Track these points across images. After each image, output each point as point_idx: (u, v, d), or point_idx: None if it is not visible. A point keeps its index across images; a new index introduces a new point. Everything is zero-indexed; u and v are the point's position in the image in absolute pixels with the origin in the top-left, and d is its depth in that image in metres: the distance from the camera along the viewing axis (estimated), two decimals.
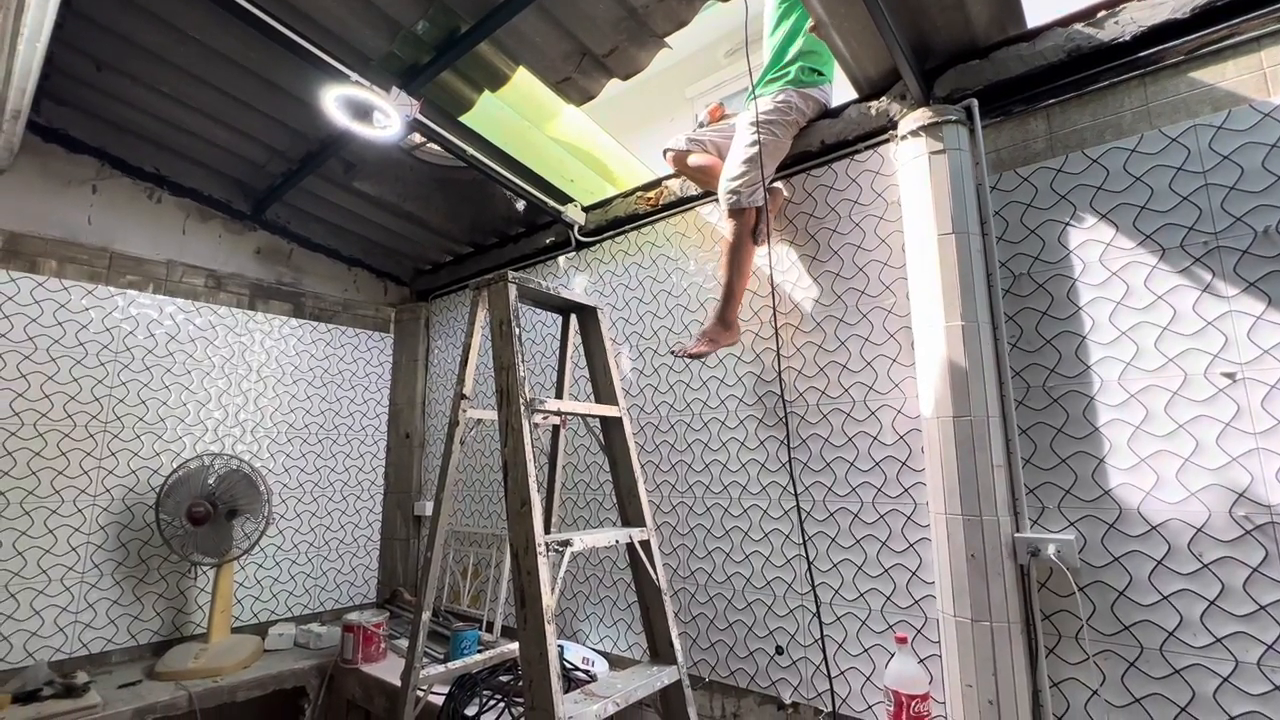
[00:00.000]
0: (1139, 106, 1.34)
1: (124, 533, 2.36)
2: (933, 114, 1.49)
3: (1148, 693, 1.21)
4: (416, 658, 1.50)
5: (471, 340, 1.59)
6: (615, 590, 2.16)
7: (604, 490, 2.26)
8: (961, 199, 1.45)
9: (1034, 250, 1.43)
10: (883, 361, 1.62)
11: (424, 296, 3.31)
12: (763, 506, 1.80)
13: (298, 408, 2.89)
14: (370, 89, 1.79)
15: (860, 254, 1.70)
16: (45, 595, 2.17)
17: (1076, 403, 1.34)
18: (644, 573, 1.47)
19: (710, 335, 1.76)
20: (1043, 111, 1.46)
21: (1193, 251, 1.25)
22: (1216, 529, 1.17)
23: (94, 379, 2.34)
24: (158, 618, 2.40)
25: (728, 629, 1.83)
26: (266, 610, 2.69)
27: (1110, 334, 1.32)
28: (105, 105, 2.22)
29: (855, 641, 1.58)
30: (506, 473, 1.28)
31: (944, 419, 1.39)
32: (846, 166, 1.75)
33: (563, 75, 1.97)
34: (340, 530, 2.98)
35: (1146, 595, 1.23)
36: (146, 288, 2.51)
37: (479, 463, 2.78)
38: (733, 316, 1.77)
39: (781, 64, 1.77)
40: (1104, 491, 1.29)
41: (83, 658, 2.22)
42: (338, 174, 2.47)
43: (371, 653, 2.31)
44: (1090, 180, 1.38)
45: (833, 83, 1.83)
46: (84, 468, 2.29)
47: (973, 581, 1.32)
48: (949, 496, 1.37)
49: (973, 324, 1.40)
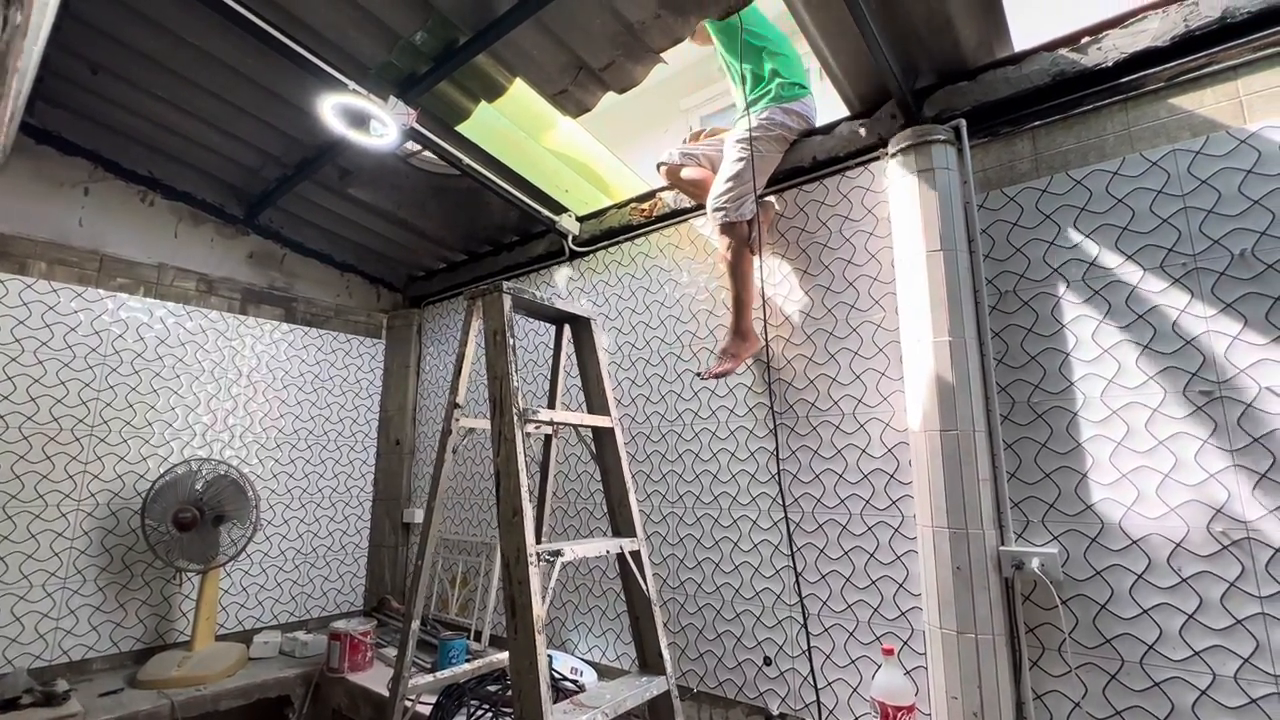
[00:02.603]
0: (1121, 130, 1.38)
1: (108, 538, 2.33)
2: (922, 133, 1.52)
3: (1128, 705, 1.23)
4: (405, 667, 1.50)
5: (465, 349, 1.59)
6: (604, 600, 2.16)
7: (594, 500, 2.27)
8: (950, 217, 1.48)
9: (1019, 268, 1.47)
10: (871, 375, 1.64)
11: (417, 303, 3.30)
12: (752, 517, 1.81)
13: (287, 413, 2.87)
14: (368, 98, 1.81)
15: (850, 269, 1.72)
16: (26, 601, 2.14)
17: (1060, 418, 1.37)
18: (634, 583, 1.48)
19: (730, 351, 1.78)
20: (1029, 133, 1.50)
21: (1172, 272, 1.29)
22: (1195, 544, 1.20)
23: (81, 382, 2.32)
24: (140, 625, 2.37)
25: (716, 639, 1.83)
26: (252, 618, 2.66)
27: (1093, 351, 1.35)
28: (100, 108, 2.22)
29: (843, 653, 1.59)
30: (499, 482, 1.28)
31: (931, 433, 1.42)
32: (838, 183, 1.78)
33: (559, 88, 1.99)
34: (328, 537, 2.96)
35: (1127, 609, 1.25)
36: (137, 291, 2.50)
37: (469, 470, 2.78)
38: (747, 326, 1.79)
39: (759, 87, 1.84)
40: (1086, 506, 1.31)
41: (63, 665, 2.18)
42: (332, 180, 2.48)
43: (358, 661, 2.29)
44: (1074, 201, 1.41)
45: (810, 91, 1.87)
46: (69, 472, 2.27)
47: (958, 594, 1.34)
48: (936, 510, 1.39)
49: (960, 339, 1.42)
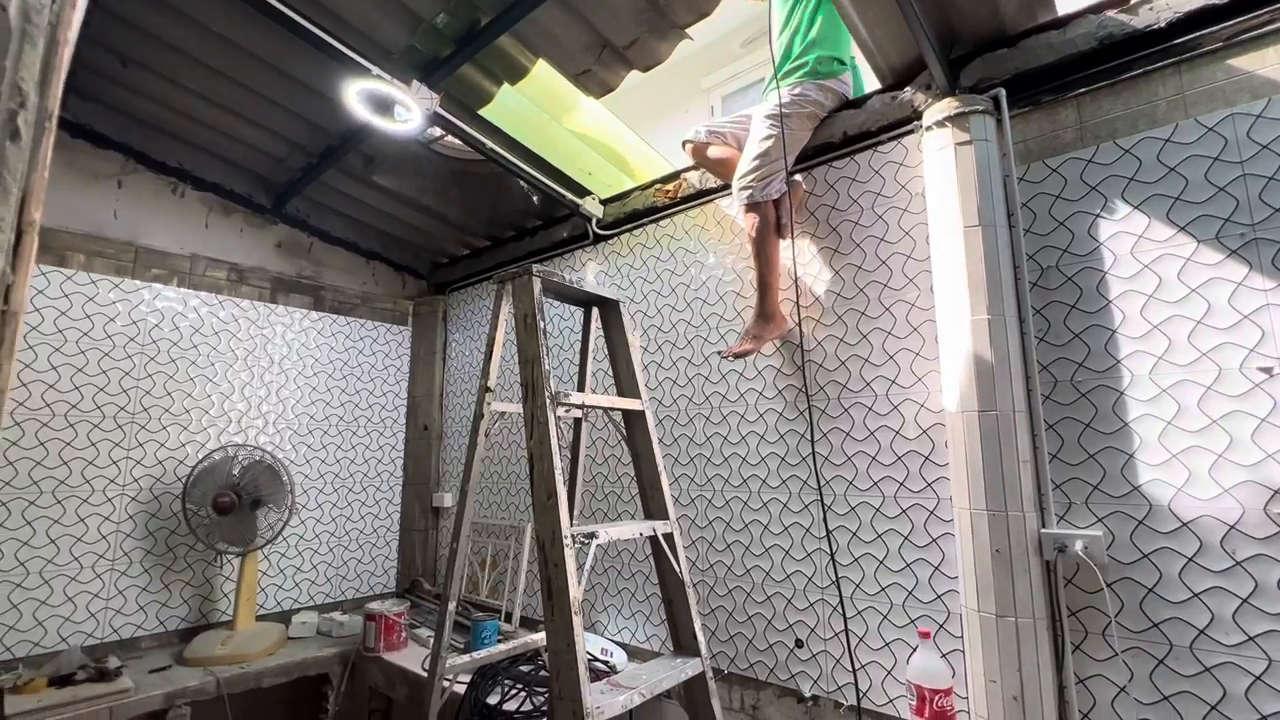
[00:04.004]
0: (1174, 95, 1.31)
1: (152, 521, 2.41)
2: (959, 104, 1.46)
3: (1177, 690, 1.20)
4: (443, 647, 1.52)
5: (496, 334, 1.59)
6: (634, 582, 2.17)
7: (622, 484, 2.27)
8: (988, 191, 1.43)
9: (1062, 243, 1.41)
10: (905, 355, 1.61)
11: (441, 290, 3.32)
12: (783, 500, 1.80)
13: (318, 400, 2.92)
14: (391, 82, 1.80)
15: (883, 247, 1.68)
16: (77, 582, 2.23)
17: (1105, 398, 1.32)
18: (667, 565, 1.48)
19: (754, 333, 1.76)
20: (1073, 101, 1.44)
21: (1229, 244, 1.23)
22: (1250, 526, 1.16)
23: (121, 371, 2.38)
24: (185, 605, 2.45)
25: (747, 621, 1.83)
26: (289, 599, 2.74)
27: (1141, 328, 1.30)
28: (130, 101, 2.25)
29: (876, 636, 1.58)
30: (532, 465, 1.29)
31: (969, 414, 1.38)
32: (869, 158, 1.74)
33: (582, 68, 1.96)
34: (360, 521, 3.02)
35: (1177, 592, 1.21)
36: (171, 281, 2.55)
37: (496, 455, 2.80)
38: (773, 308, 1.76)
39: (794, 57, 1.75)
40: (1133, 488, 1.28)
41: (113, 643, 2.27)
42: (357, 168, 2.49)
43: (393, 641, 2.34)
44: (1122, 171, 1.35)
45: (855, 68, 1.80)
46: (113, 458, 2.34)
47: (997, 577, 1.31)
48: (974, 492, 1.36)
49: (999, 318, 1.38)
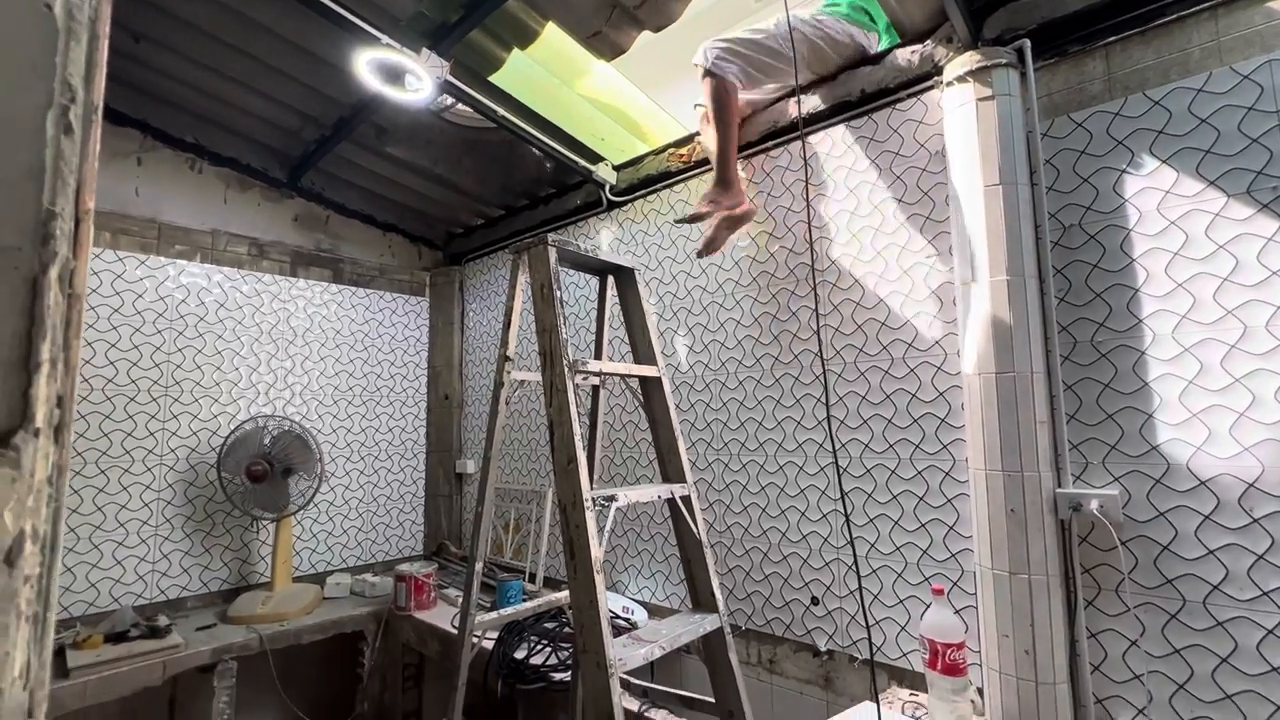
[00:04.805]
0: (1208, 41, 1.26)
1: (190, 489, 2.51)
2: (981, 57, 1.42)
3: (1188, 644, 1.22)
4: (472, 605, 1.59)
5: (513, 304, 1.61)
6: (653, 544, 2.23)
7: (639, 449, 2.31)
8: (1010, 148, 1.39)
9: (1086, 200, 1.38)
10: (923, 319, 1.60)
11: (457, 260, 3.34)
12: (799, 463, 1.82)
13: (341, 371, 2.99)
14: (401, 51, 1.79)
15: (902, 208, 1.66)
16: (125, 547, 2.35)
17: (1126, 357, 1.31)
18: (685, 527, 1.52)
19: (710, 197, 1.75)
20: (1101, 50, 1.38)
21: (1260, 198, 1.19)
22: (1270, 484, 1.16)
23: (152, 346, 2.46)
24: (225, 568, 2.58)
25: (764, 580, 1.88)
26: (323, 561, 2.86)
27: (1166, 286, 1.28)
28: (144, 77, 2.25)
29: (890, 593, 1.62)
30: (553, 432, 1.32)
31: (986, 375, 1.38)
32: (888, 116, 1.70)
33: (593, 29, 1.92)
34: (387, 487, 3.12)
35: (1191, 549, 1.22)
36: (194, 257, 2.60)
37: (516, 422, 2.86)
38: (731, 175, 1.75)
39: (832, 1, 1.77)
40: (1151, 447, 1.28)
41: (161, 603, 2.41)
42: (369, 139, 2.49)
43: (423, 600, 2.45)
44: (1151, 124, 1.31)
45: (881, 35, 1.77)
46: (150, 429, 2.43)
47: (1012, 536, 1.33)
48: (990, 452, 1.37)
49: (1019, 279, 1.36)
